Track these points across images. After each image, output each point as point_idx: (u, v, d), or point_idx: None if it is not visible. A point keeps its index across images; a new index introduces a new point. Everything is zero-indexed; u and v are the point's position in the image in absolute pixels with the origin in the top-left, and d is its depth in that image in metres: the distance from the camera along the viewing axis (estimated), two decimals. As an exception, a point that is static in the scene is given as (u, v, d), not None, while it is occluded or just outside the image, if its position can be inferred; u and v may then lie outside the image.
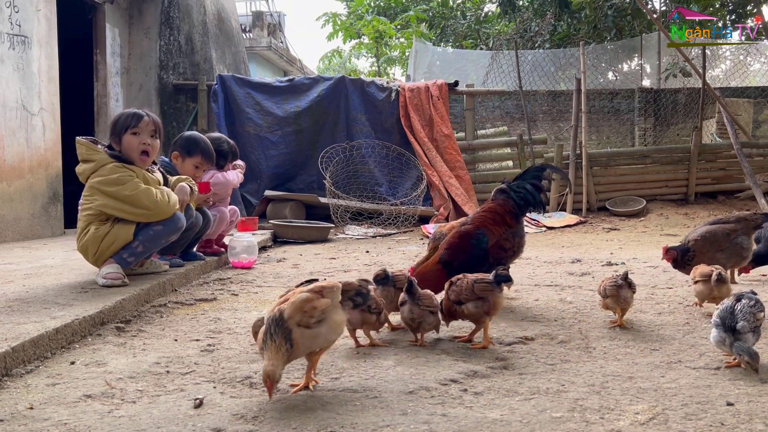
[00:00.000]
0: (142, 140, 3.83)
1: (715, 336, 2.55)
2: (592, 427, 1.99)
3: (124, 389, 2.34)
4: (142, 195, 3.69)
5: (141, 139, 3.83)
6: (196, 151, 4.30)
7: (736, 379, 2.42)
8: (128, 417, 2.07)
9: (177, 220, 3.88)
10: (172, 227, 3.86)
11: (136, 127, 3.83)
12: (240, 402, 2.21)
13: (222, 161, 5.20)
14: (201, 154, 4.30)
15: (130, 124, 3.84)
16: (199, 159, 4.33)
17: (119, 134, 3.85)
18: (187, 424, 1.99)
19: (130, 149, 3.80)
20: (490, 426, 2.02)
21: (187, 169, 4.27)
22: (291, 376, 2.50)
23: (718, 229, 4.36)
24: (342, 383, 2.41)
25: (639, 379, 2.46)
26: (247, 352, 2.87)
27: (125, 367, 2.61)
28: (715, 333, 2.55)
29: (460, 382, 2.45)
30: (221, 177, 5.04)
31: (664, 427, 1.99)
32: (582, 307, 3.78)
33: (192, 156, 4.33)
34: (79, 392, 2.31)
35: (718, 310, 2.57)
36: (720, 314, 2.53)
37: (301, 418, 2.05)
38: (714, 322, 2.56)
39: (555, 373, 2.54)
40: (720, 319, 2.52)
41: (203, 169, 4.55)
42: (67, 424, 2.00)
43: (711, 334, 2.58)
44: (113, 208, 3.75)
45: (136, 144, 3.82)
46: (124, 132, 3.83)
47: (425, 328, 2.88)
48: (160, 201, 3.74)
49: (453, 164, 8.85)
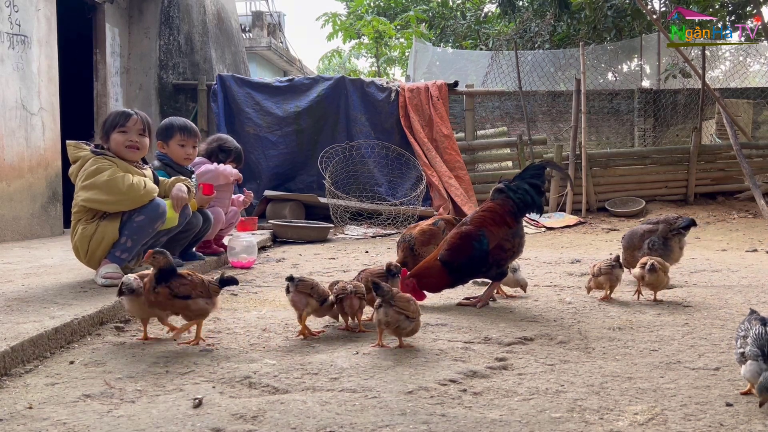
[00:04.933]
0: (129, 138, 3.86)
1: (753, 369, 2.04)
2: (591, 428, 1.99)
3: (123, 389, 2.34)
4: (119, 180, 3.70)
5: (128, 137, 3.86)
6: (173, 131, 4.34)
7: (735, 379, 2.42)
8: (127, 417, 2.06)
9: (156, 206, 3.86)
10: (154, 214, 3.84)
11: (124, 126, 3.86)
12: (239, 402, 2.21)
13: (223, 156, 5.22)
14: (179, 132, 4.33)
15: (118, 122, 3.87)
16: (179, 137, 4.37)
17: (108, 133, 3.88)
18: (186, 424, 1.99)
19: (117, 147, 3.83)
20: (490, 426, 2.02)
21: (176, 152, 4.31)
22: (290, 376, 2.50)
23: (638, 229, 4.50)
24: (341, 383, 2.41)
25: (638, 380, 2.46)
26: (247, 351, 2.87)
27: (124, 366, 2.61)
28: (753, 366, 2.04)
29: (459, 382, 2.45)
30: (211, 167, 5.04)
31: (663, 427, 1.99)
32: (581, 308, 3.78)
33: (172, 137, 4.36)
34: (78, 392, 2.31)
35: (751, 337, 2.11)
36: (757, 342, 2.05)
37: (301, 417, 2.05)
38: (752, 352, 2.05)
39: (554, 373, 2.54)
40: (759, 348, 2.02)
41: (191, 144, 4.54)
42: (66, 424, 2.00)
43: (746, 367, 2.09)
44: (93, 201, 3.74)
45: (122, 140, 3.85)
46: (112, 131, 3.86)
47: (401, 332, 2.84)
48: (135, 184, 3.73)
49: (452, 164, 8.85)
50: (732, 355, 2.75)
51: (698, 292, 4.31)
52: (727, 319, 3.51)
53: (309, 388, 2.42)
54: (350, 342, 3.10)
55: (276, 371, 2.60)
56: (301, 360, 2.78)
